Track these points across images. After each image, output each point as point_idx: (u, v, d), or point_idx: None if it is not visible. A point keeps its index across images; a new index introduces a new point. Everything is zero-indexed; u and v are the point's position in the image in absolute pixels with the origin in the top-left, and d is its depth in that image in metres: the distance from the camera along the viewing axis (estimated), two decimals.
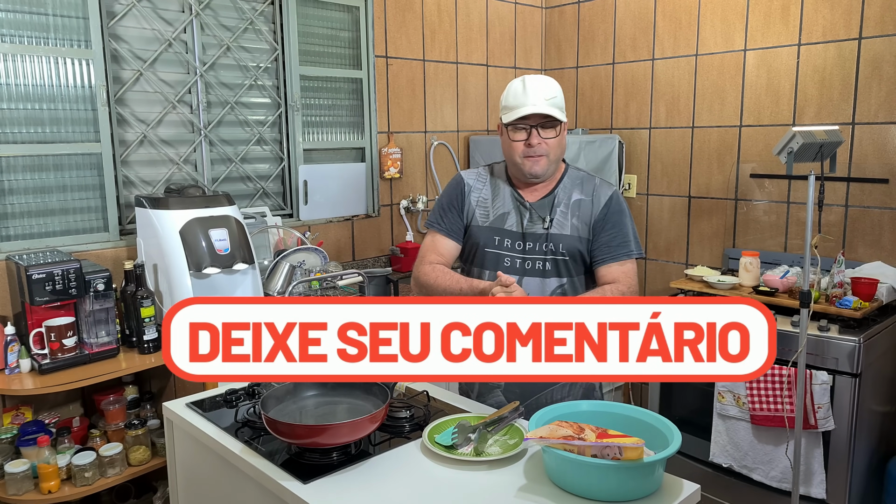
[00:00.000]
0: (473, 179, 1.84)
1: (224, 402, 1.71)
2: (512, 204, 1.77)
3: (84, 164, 2.40)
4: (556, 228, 1.72)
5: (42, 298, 2.00)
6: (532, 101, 1.66)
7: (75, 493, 2.01)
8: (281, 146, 2.94)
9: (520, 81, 1.70)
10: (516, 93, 1.69)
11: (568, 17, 3.78)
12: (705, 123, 3.25)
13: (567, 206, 1.74)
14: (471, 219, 1.80)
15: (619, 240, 1.71)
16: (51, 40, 2.30)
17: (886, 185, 2.72)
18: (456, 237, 1.81)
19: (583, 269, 1.75)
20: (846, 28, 2.76)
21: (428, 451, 1.41)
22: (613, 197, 1.74)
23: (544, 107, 1.65)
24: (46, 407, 2.24)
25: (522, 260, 1.74)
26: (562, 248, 1.71)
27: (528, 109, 1.65)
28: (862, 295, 2.46)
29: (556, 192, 1.76)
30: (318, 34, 2.99)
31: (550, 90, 1.68)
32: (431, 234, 1.83)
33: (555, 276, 1.72)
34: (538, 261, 1.73)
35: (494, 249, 1.76)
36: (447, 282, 1.72)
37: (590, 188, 1.76)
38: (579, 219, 1.73)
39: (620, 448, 1.18)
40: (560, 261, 1.72)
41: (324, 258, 2.60)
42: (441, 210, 1.83)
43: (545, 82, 1.69)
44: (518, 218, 1.75)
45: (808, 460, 2.40)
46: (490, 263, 1.76)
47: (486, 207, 1.79)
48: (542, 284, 1.73)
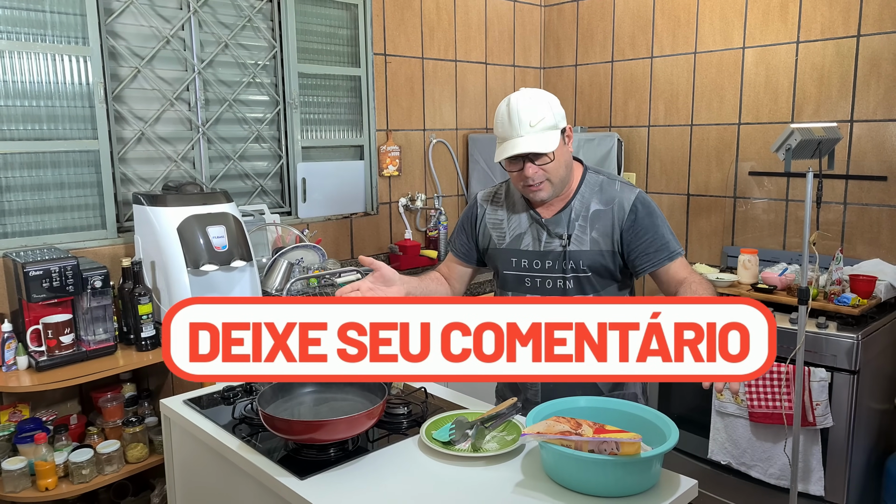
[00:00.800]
0: (488, 201, 1.78)
1: (221, 398, 1.71)
2: (527, 222, 1.70)
3: (81, 162, 2.39)
4: (574, 245, 1.62)
5: (39, 295, 2.00)
6: (517, 131, 1.54)
7: (73, 491, 2.01)
8: (279, 144, 2.94)
9: (505, 106, 1.57)
10: (503, 121, 1.57)
11: (567, 14, 3.78)
12: (704, 121, 3.25)
13: (585, 220, 1.63)
14: (487, 242, 1.76)
15: (658, 243, 1.61)
16: (48, 37, 2.29)
17: (885, 183, 2.72)
18: (464, 258, 1.81)
19: (612, 283, 1.66)
20: (844, 25, 2.76)
21: (425, 448, 1.41)
22: (637, 201, 1.63)
23: (528, 140, 1.53)
24: (44, 404, 2.24)
25: (542, 279, 1.67)
26: (583, 265, 1.62)
27: (511, 149, 1.53)
28: (860, 292, 2.46)
29: (573, 203, 1.65)
30: (317, 32, 2.99)
31: (537, 113, 1.54)
32: (449, 253, 1.87)
33: (578, 293, 1.64)
34: (558, 279, 1.65)
35: (513, 271, 1.70)
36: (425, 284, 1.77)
37: (610, 196, 1.64)
38: (599, 232, 1.62)
39: (617, 443, 1.18)
40: (583, 278, 1.63)
41: (322, 256, 2.60)
42: (457, 230, 1.85)
43: (530, 105, 1.55)
44: (535, 236, 1.68)
45: (807, 457, 2.40)
46: (511, 285, 1.72)
47: (502, 229, 1.73)
48: None
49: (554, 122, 1.57)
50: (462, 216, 1.83)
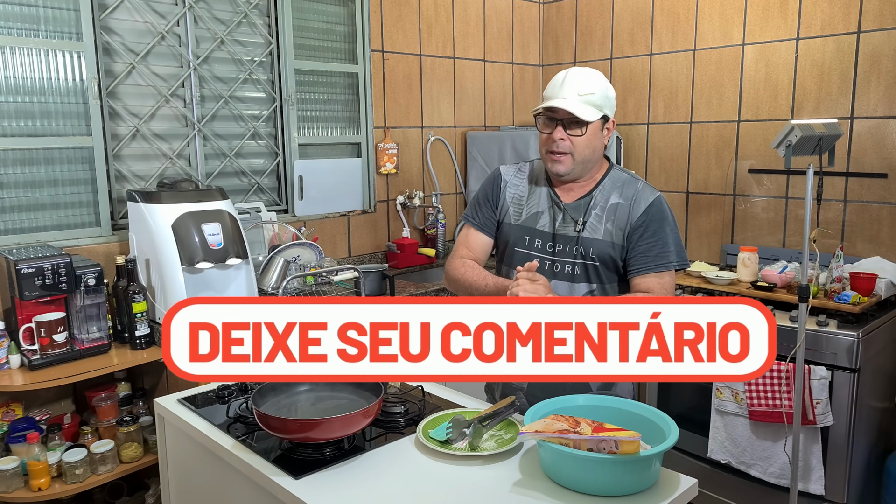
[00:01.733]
0: (511, 175, 1.77)
1: (216, 397, 1.69)
2: (547, 203, 1.70)
3: (75, 158, 2.37)
4: (588, 232, 1.63)
5: (32, 293, 1.98)
6: (564, 93, 1.57)
7: (66, 491, 1.99)
8: (276, 141, 2.92)
9: (564, 72, 1.61)
10: (554, 83, 1.61)
11: (566, 11, 3.76)
12: (703, 119, 3.23)
13: (603, 210, 1.64)
14: (504, 215, 1.74)
15: (657, 249, 1.61)
16: (41, 33, 2.27)
17: (885, 180, 2.70)
18: (489, 231, 1.77)
19: (616, 277, 1.66)
20: (845, 22, 2.75)
21: (422, 447, 1.39)
22: (655, 203, 1.63)
23: (571, 102, 1.56)
24: (37, 404, 2.22)
25: (552, 262, 1.67)
26: (592, 253, 1.62)
27: (554, 102, 1.57)
28: (861, 290, 2.45)
29: (594, 193, 1.66)
30: (314, 28, 2.97)
31: (589, 85, 1.58)
32: (466, 229, 1.80)
33: (584, 281, 1.65)
34: (567, 264, 1.65)
35: (524, 249, 1.70)
36: (474, 277, 1.68)
37: (630, 192, 1.65)
38: (614, 224, 1.63)
39: (617, 442, 1.16)
40: (590, 266, 1.63)
41: (319, 253, 2.58)
42: (476, 204, 1.79)
43: (587, 77, 1.59)
44: (551, 218, 1.68)
45: (807, 456, 2.38)
46: (519, 263, 1.69)
47: (521, 205, 1.73)
48: (571, 289, 1.65)
49: (601, 102, 1.60)
50: (482, 190, 1.79)
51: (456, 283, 1.74)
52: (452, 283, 1.75)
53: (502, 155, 3.32)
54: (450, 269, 1.76)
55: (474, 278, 1.68)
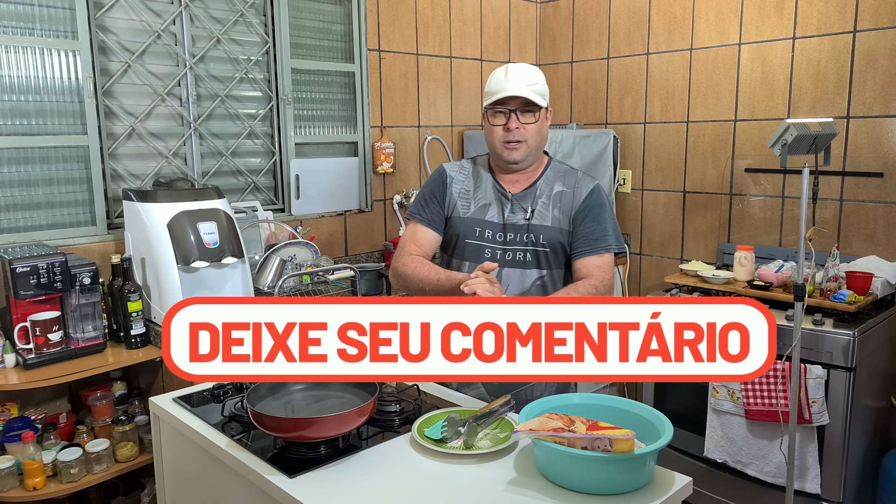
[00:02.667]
0: (456, 171, 1.83)
1: (211, 396, 1.69)
2: (494, 195, 1.77)
3: (71, 157, 2.37)
4: (537, 220, 1.72)
5: (27, 292, 1.97)
6: (512, 85, 1.66)
7: (61, 490, 1.98)
8: (272, 140, 2.92)
9: (503, 68, 1.71)
10: (498, 78, 1.70)
11: (562, 11, 3.76)
12: (700, 118, 3.23)
13: (549, 198, 1.74)
14: (452, 210, 1.79)
15: (597, 233, 1.71)
16: (36, 31, 2.27)
17: (881, 179, 2.70)
18: (436, 227, 1.80)
19: (563, 262, 1.75)
20: (841, 21, 2.75)
21: (417, 445, 1.39)
22: (595, 190, 1.74)
23: (523, 91, 1.65)
24: (33, 403, 2.21)
25: (503, 251, 1.73)
26: (542, 240, 1.71)
27: (507, 93, 1.66)
28: (856, 289, 2.45)
29: (538, 183, 1.76)
30: (310, 27, 2.96)
31: (532, 77, 1.68)
32: (412, 226, 1.82)
33: (535, 267, 1.72)
34: (518, 252, 1.73)
35: (475, 241, 1.75)
36: (425, 272, 1.70)
37: (572, 180, 1.76)
38: (560, 210, 1.73)
39: (611, 440, 1.16)
40: (541, 252, 1.72)
41: (315, 253, 2.58)
42: (423, 201, 1.82)
43: (528, 69, 1.70)
44: (499, 209, 1.75)
45: (803, 455, 2.38)
46: (470, 255, 1.75)
47: (468, 199, 1.78)
48: (522, 276, 1.72)
49: (544, 92, 1.71)
50: (427, 187, 1.83)
51: (406, 280, 1.74)
52: (402, 279, 1.75)
53: None
54: (398, 265, 1.76)
55: (425, 273, 1.69)
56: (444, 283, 1.66)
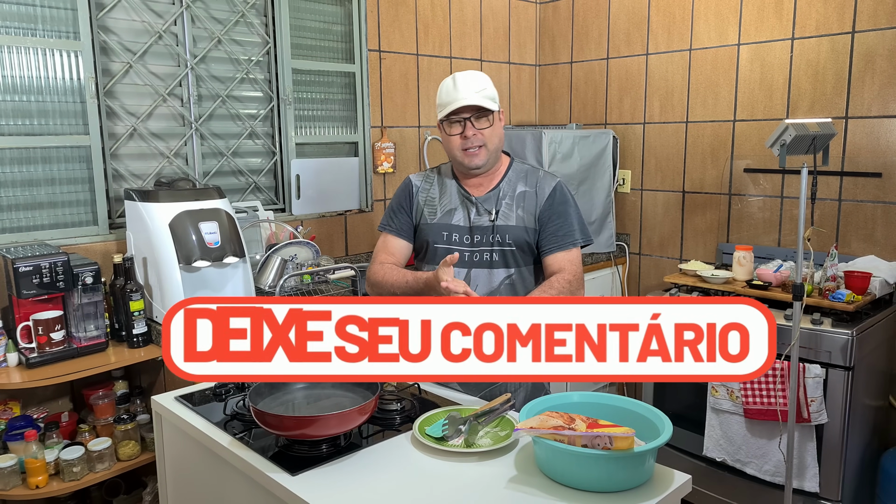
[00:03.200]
0: (420, 181, 1.89)
1: (213, 395, 1.70)
2: (459, 200, 1.82)
3: (73, 157, 2.37)
4: (501, 220, 1.77)
5: (29, 292, 1.98)
6: (463, 95, 1.71)
7: (63, 488, 1.99)
8: (273, 140, 2.93)
9: (450, 79, 1.75)
10: (448, 90, 1.74)
11: (562, 11, 3.77)
12: (699, 118, 3.24)
13: (512, 199, 1.79)
14: (419, 218, 1.85)
15: (564, 229, 1.76)
16: (39, 32, 2.27)
17: (879, 179, 2.71)
18: (405, 236, 1.86)
19: (531, 260, 1.80)
20: (839, 22, 2.76)
21: (418, 443, 1.40)
22: (557, 188, 1.79)
23: (474, 98, 1.70)
24: (35, 402, 2.22)
25: (471, 253, 1.78)
26: (508, 239, 1.76)
27: (459, 103, 1.70)
28: (855, 288, 2.46)
29: (501, 185, 1.81)
30: (311, 27, 2.97)
31: (480, 83, 1.73)
32: (383, 237, 1.89)
33: (502, 266, 1.77)
34: (486, 252, 1.77)
35: (444, 245, 1.80)
36: (394, 277, 1.76)
37: (533, 180, 1.81)
38: (524, 210, 1.77)
39: (611, 437, 1.17)
40: (507, 251, 1.76)
41: (316, 252, 2.58)
42: (391, 212, 1.89)
43: (474, 76, 1.74)
44: (465, 213, 1.80)
45: (802, 454, 2.39)
46: (440, 259, 1.76)
47: (434, 205, 1.84)
48: (490, 275, 1.77)
49: (494, 96, 1.75)
50: (395, 199, 1.90)
51: (378, 287, 1.80)
52: (374, 286, 1.81)
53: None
54: (370, 274, 1.83)
55: (394, 278, 1.76)
56: (411, 284, 1.72)
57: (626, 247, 3.59)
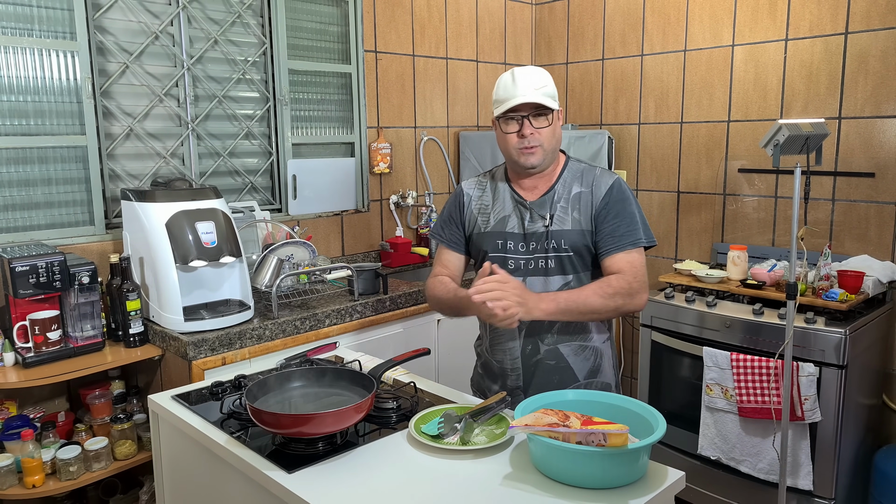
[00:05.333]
0: (472, 188, 1.83)
1: (210, 394, 1.71)
2: (512, 206, 1.74)
3: (69, 157, 2.38)
4: (556, 225, 1.68)
5: (26, 291, 1.99)
6: (522, 91, 1.63)
7: (60, 488, 1.99)
8: (269, 141, 2.93)
9: (509, 74, 1.67)
10: (506, 85, 1.66)
11: (558, 12, 3.78)
12: (694, 119, 3.26)
13: (567, 201, 1.70)
14: (473, 227, 1.79)
15: (623, 228, 1.66)
16: (35, 32, 2.28)
17: (872, 179, 2.73)
18: (457, 248, 1.83)
19: (590, 263, 1.71)
20: (833, 23, 2.78)
21: (414, 441, 1.41)
22: (615, 185, 1.69)
23: (534, 96, 1.62)
24: (31, 401, 2.22)
25: (526, 261, 1.71)
26: (564, 244, 1.67)
27: (518, 100, 1.62)
28: (848, 287, 2.48)
29: (556, 187, 1.72)
30: (307, 28, 2.98)
31: (541, 80, 1.65)
32: (439, 248, 1.86)
33: (559, 273, 1.69)
34: (541, 259, 1.69)
35: (499, 253, 1.73)
36: (441, 291, 1.76)
37: (590, 179, 1.71)
38: (580, 212, 1.68)
39: (605, 435, 1.18)
40: (564, 257, 1.68)
41: (312, 252, 2.59)
42: (443, 222, 1.86)
43: (535, 72, 1.66)
44: (519, 219, 1.72)
45: (796, 452, 2.41)
46: None
47: (487, 213, 1.77)
48: (546, 283, 1.69)
49: (553, 93, 1.68)
50: (447, 208, 1.85)
51: (431, 301, 1.82)
52: (430, 301, 1.83)
53: (494, 154, 3.34)
54: (427, 288, 1.84)
55: (441, 292, 1.76)
56: (453, 300, 1.72)
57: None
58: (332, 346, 2.07)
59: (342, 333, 2.38)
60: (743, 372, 2.45)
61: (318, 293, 2.54)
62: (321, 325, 2.32)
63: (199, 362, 2.03)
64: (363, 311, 2.45)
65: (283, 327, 2.23)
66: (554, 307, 1.58)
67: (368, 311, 2.46)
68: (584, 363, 1.74)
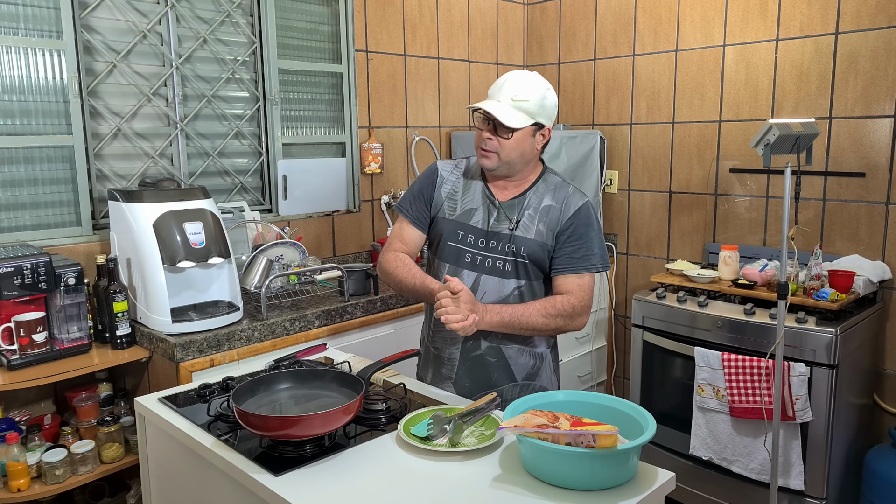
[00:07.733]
0: (448, 171, 1.82)
1: (197, 396, 1.69)
2: (481, 200, 1.75)
3: (55, 158, 2.35)
4: (521, 231, 1.70)
5: (10, 293, 1.96)
6: (497, 96, 1.65)
7: (46, 492, 1.97)
8: (259, 141, 2.91)
9: (507, 74, 1.68)
10: (496, 84, 1.68)
11: (549, 13, 3.78)
12: (685, 119, 3.26)
13: (536, 211, 1.71)
14: (438, 210, 1.79)
15: (582, 251, 1.68)
16: (21, 31, 2.25)
17: (863, 179, 2.74)
18: (421, 226, 1.81)
19: (542, 275, 1.74)
20: (823, 23, 2.79)
21: (403, 443, 1.40)
22: (583, 208, 1.70)
23: (502, 107, 1.62)
24: (17, 404, 2.19)
25: (483, 258, 1.72)
26: (523, 252, 1.69)
27: (483, 104, 1.64)
28: (839, 287, 2.48)
29: (528, 194, 1.73)
30: (297, 27, 2.96)
31: (525, 92, 1.63)
32: (400, 220, 1.84)
33: (514, 277, 1.71)
34: (499, 260, 1.71)
35: (457, 244, 1.75)
36: (404, 273, 1.73)
37: (562, 196, 1.72)
38: (546, 225, 1.70)
39: (594, 436, 1.17)
40: (520, 263, 1.70)
41: (302, 253, 2.57)
42: (412, 196, 1.83)
43: (522, 83, 1.64)
44: (485, 215, 1.73)
45: (787, 452, 2.41)
46: (450, 257, 1.76)
47: (455, 200, 1.78)
48: (501, 284, 1.72)
49: (534, 110, 1.64)
50: (418, 182, 1.83)
51: (387, 276, 1.78)
52: (384, 275, 1.80)
53: None
54: (383, 261, 1.80)
55: (404, 275, 1.73)
56: (418, 288, 1.70)
57: (614, 247, 3.60)
58: (322, 348, 2.06)
59: (332, 335, 2.36)
60: (734, 372, 2.45)
61: (308, 294, 2.52)
62: (311, 326, 2.31)
63: (186, 364, 2.01)
64: (353, 312, 2.43)
65: (273, 328, 2.21)
66: (498, 320, 1.62)
67: (359, 312, 2.45)
68: (524, 366, 1.77)
